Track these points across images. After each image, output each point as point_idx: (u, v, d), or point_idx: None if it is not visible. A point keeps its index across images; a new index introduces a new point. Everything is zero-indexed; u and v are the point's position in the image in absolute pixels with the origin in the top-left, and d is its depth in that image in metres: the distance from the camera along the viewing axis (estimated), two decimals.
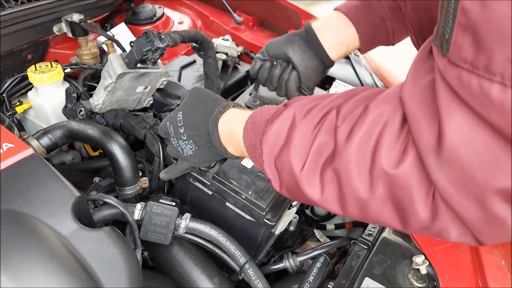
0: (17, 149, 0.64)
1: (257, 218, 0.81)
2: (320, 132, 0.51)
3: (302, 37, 0.90)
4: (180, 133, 0.71)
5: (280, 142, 0.55)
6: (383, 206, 0.47)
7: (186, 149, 0.72)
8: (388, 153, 0.44)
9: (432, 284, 0.78)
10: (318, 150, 0.50)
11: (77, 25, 1.18)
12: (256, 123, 0.61)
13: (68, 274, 0.52)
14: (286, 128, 0.55)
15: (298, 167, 0.52)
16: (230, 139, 0.67)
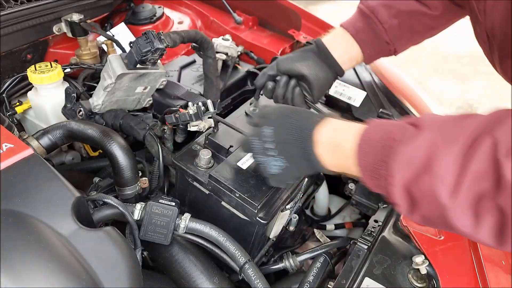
0: (17, 149, 0.64)
1: (250, 216, 0.82)
2: (473, 160, 0.47)
3: (314, 52, 0.93)
4: (267, 149, 0.69)
5: (418, 168, 0.51)
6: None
7: (272, 166, 0.70)
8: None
9: (432, 284, 0.78)
10: (474, 180, 0.47)
11: (76, 25, 1.18)
12: (374, 141, 0.57)
13: (68, 274, 0.52)
14: (426, 153, 0.51)
15: (446, 196, 0.48)
16: (333, 152, 0.64)
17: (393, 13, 0.91)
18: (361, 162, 0.59)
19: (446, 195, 0.48)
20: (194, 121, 0.94)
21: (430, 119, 0.55)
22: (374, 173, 0.57)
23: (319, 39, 0.94)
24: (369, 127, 0.60)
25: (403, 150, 0.53)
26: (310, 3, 5.83)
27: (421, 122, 0.55)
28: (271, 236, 0.92)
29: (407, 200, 0.54)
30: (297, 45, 1.45)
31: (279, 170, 0.70)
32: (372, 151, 0.57)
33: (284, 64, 0.93)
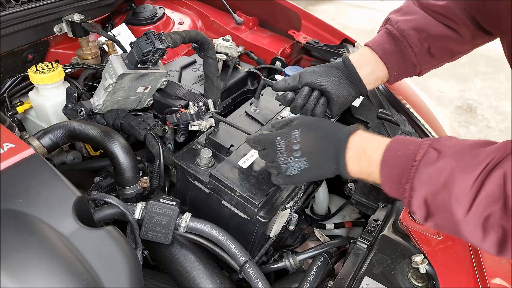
0: (18, 149, 0.64)
1: (251, 215, 0.83)
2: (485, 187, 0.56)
3: (340, 70, 0.95)
4: (293, 150, 0.73)
5: (437, 188, 0.60)
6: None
7: (293, 167, 0.74)
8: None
9: (432, 283, 0.78)
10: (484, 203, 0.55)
11: (78, 25, 1.18)
12: (397, 158, 0.66)
13: (69, 274, 0.52)
14: (445, 175, 0.60)
15: (460, 213, 0.57)
16: (360, 158, 0.70)
17: (424, 37, 0.92)
18: (384, 173, 0.67)
19: (460, 213, 0.57)
20: (195, 120, 0.94)
21: (450, 145, 0.63)
22: (396, 184, 0.65)
23: (346, 57, 0.95)
24: (394, 142, 0.68)
25: (425, 171, 0.62)
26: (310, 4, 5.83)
27: (442, 147, 0.63)
28: (271, 235, 0.92)
29: (424, 210, 0.63)
30: (297, 45, 1.45)
31: (297, 171, 0.74)
32: (395, 166, 0.65)
33: (308, 77, 0.93)
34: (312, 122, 0.77)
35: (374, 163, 0.68)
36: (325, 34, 1.40)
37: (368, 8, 6.00)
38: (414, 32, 0.93)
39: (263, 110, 1.09)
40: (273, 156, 0.76)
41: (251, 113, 1.07)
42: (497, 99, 3.92)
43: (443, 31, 0.93)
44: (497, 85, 4.17)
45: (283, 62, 1.36)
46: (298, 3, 1.47)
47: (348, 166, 0.71)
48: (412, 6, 0.96)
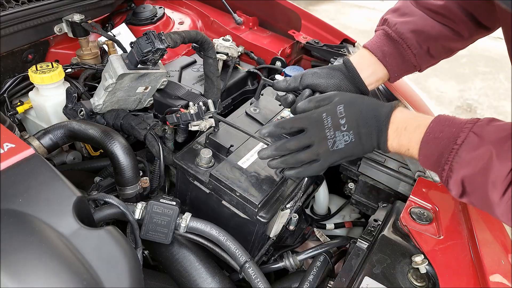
0: (18, 149, 0.64)
1: (250, 215, 0.83)
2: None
3: (342, 71, 0.95)
4: (340, 124, 0.75)
5: (475, 171, 0.64)
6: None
7: (340, 141, 0.75)
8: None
9: (432, 283, 0.78)
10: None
11: (78, 25, 1.18)
12: (438, 139, 0.69)
13: (69, 274, 0.52)
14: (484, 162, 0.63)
15: (495, 197, 0.62)
16: (400, 134, 0.73)
17: (423, 39, 0.93)
18: (423, 152, 0.70)
19: (495, 197, 0.62)
20: (195, 120, 0.94)
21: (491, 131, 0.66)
22: (435, 163, 0.69)
23: (347, 59, 0.96)
24: (435, 123, 0.70)
25: (465, 155, 0.65)
26: (310, 4, 5.84)
27: (483, 133, 0.66)
28: (271, 235, 0.92)
29: (460, 189, 0.67)
30: (297, 45, 1.45)
31: (344, 145, 0.76)
32: (436, 147, 0.69)
33: (310, 78, 0.93)
34: (354, 98, 0.79)
35: (414, 141, 0.71)
36: (325, 34, 1.40)
37: (368, 8, 6.01)
38: (413, 34, 0.93)
39: (263, 110, 1.09)
40: (319, 134, 0.76)
41: (251, 113, 1.07)
42: (497, 99, 3.92)
43: (442, 31, 0.93)
44: (497, 85, 4.17)
45: (283, 62, 1.36)
46: (298, 3, 1.47)
47: (388, 140, 0.74)
48: (409, 6, 0.96)
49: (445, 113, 0.74)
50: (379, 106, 0.76)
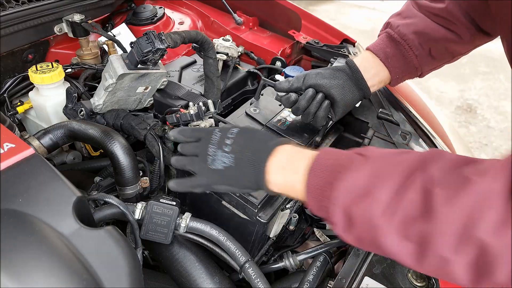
0: (18, 149, 0.64)
1: (250, 216, 0.83)
2: (409, 190, 0.53)
3: (345, 73, 0.95)
4: (224, 143, 0.71)
5: (360, 193, 0.56)
6: (465, 267, 0.48)
7: (219, 161, 0.71)
8: (490, 224, 0.46)
9: (432, 283, 0.78)
10: (406, 207, 0.52)
11: (78, 25, 1.18)
12: (325, 166, 0.62)
13: (69, 274, 0.52)
14: (368, 180, 0.56)
15: (379, 217, 0.54)
16: (284, 169, 0.66)
17: (424, 40, 0.93)
18: (309, 182, 0.62)
19: (379, 217, 0.54)
20: (195, 121, 0.95)
21: (375, 152, 0.61)
22: (319, 194, 0.61)
23: (351, 60, 0.96)
24: (322, 152, 0.65)
25: (349, 176, 0.58)
26: (310, 4, 5.84)
27: (368, 153, 0.61)
28: (271, 235, 0.92)
29: (345, 220, 0.58)
30: (297, 45, 1.45)
31: (221, 166, 0.70)
32: (322, 174, 0.61)
33: (313, 78, 0.93)
34: (251, 130, 0.75)
35: (300, 172, 0.64)
36: (325, 34, 1.40)
37: (368, 8, 6.01)
38: (414, 35, 0.93)
39: (263, 110, 1.09)
40: (204, 147, 0.72)
41: (251, 114, 1.07)
42: (497, 99, 3.92)
43: (444, 33, 0.93)
44: (497, 85, 4.17)
45: (283, 62, 1.36)
46: (298, 3, 1.47)
47: (270, 176, 0.67)
48: (412, 9, 0.97)
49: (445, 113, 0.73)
50: (268, 140, 0.71)
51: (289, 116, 1.09)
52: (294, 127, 1.06)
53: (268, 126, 1.05)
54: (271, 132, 1.03)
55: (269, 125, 1.05)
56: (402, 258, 0.54)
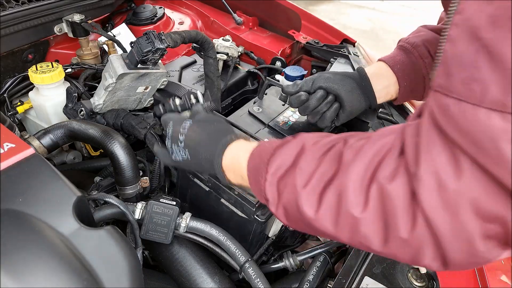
0: (18, 149, 0.64)
1: (248, 214, 0.83)
2: (326, 157, 0.58)
3: (355, 80, 0.96)
4: (177, 139, 0.75)
5: (287, 164, 0.60)
6: (372, 222, 0.52)
7: (177, 154, 0.76)
8: (386, 170, 0.51)
9: (432, 283, 0.78)
10: (323, 171, 0.57)
11: (78, 25, 1.18)
12: (263, 149, 0.66)
13: (69, 273, 0.52)
14: (295, 152, 0.61)
15: (301, 185, 0.57)
16: (233, 164, 0.70)
17: (434, 50, 0.94)
18: (249, 166, 0.67)
19: (300, 185, 0.57)
20: (180, 111, 0.94)
21: (306, 134, 0.65)
22: (257, 174, 0.64)
23: (362, 69, 0.97)
24: (262, 141, 0.70)
25: (280, 151, 0.63)
26: (310, 4, 5.84)
27: (299, 134, 0.65)
28: (270, 234, 0.92)
29: (275, 194, 0.62)
30: (297, 45, 1.45)
31: (181, 159, 0.76)
32: (260, 157, 0.65)
33: (323, 81, 0.94)
34: (205, 120, 0.78)
35: (243, 161, 0.68)
36: (325, 34, 1.40)
37: (368, 8, 6.01)
38: (424, 45, 0.95)
39: (266, 109, 1.10)
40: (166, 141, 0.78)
41: (254, 112, 1.07)
42: None
43: None
44: None
45: (283, 62, 1.36)
46: (298, 3, 1.47)
47: (226, 172, 0.71)
48: (422, 29, 1.00)
49: None
50: (220, 136, 0.73)
51: (292, 116, 1.09)
52: (297, 127, 1.07)
53: (270, 125, 1.05)
54: (273, 132, 1.04)
55: (272, 125, 1.05)
56: (321, 227, 0.57)
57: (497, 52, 0.40)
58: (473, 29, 0.42)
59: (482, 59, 0.41)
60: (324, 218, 0.56)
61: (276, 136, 1.03)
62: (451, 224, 0.46)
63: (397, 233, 0.49)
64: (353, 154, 0.55)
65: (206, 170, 0.74)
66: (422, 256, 0.50)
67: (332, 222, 0.55)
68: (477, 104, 0.41)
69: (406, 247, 0.50)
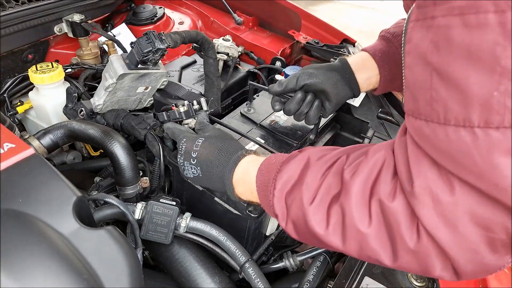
0: (18, 149, 0.64)
1: (241, 210, 0.84)
2: (330, 173, 0.59)
3: (338, 70, 0.97)
4: (190, 156, 0.77)
5: (294, 180, 0.62)
6: (378, 237, 0.53)
7: (188, 171, 0.78)
8: (385, 188, 0.53)
9: (432, 283, 0.78)
10: (327, 188, 0.58)
11: (78, 25, 1.18)
12: (271, 164, 0.67)
13: (69, 274, 0.52)
14: (300, 168, 0.62)
15: (308, 201, 0.59)
16: (243, 180, 0.72)
17: None
18: (257, 182, 0.68)
19: (307, 201, 0.59)
20: (184, 119, 0.95)
21: (312, 147, 0.67)
22: (266, 190, 0.66)
23: (344, 60, 0.98)
24: (270, 156, 0.71)
25: (286, 167, 0.64)
26: (310, 4, 5.84)
27: (304, 148, 0.67)
28: (268, 233, 0.92)
29: (284, 209, 0.63)
30: (297, 45, 1.45)
31: (192, 175, 0.79)
32: (267, 172, 0.67)
33: (306, 78, 0.95)
34: (216, 136, 0.80)
35: (252, 177, 0.69)
36: (325, 34, 1.40)
37: (368, 8, 6.00)
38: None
39: (257, 110, 1.12)
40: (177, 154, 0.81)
41: (245, 113, 1.09)
42: None
43: None
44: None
45: (283, 62, 1.36)
46: (298, 3, 1.47)
47: (236, 188, 0.73)
48: (402, 21, 1.00)
49: None
50: (232, 153, 0.75)
51: (283, 115, 1.10)
52: (288, 125, 1.08)
53: (262, 125, 1.06)
54: (265, 131, 1.05)
55: (263, 124, 1.06)
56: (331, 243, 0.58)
57: (445, 73, 0.42)
58: (422, 55, 0.44)
59: (436, 81, 0.43)
60: (332, 233, 0.57)
61: (268, 135, 1.04)
62: (452, 236, 0.46)
63: (404, 245, 0.50)
64: (352, 172, 0.57)
65: (217, 187, 0.76)
66: (432, 267, 0.50)
67: (340, 237, 0.56)
68: (444, 123, 0.43)
69: (415, 258, 0.51)
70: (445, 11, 0.41)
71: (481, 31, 0.38)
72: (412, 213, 0.49)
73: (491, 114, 0.39)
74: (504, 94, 0.38)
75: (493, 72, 0.38)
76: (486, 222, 0.44)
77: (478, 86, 0.39)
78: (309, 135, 1.06)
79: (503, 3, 0.36)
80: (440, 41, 0.42)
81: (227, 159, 0.74)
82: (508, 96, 0.37)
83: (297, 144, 1.02)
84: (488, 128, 0.39)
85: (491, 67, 0.38)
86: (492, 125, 0.39)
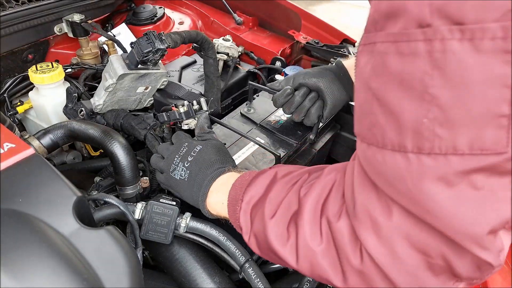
0: (18, 149, 0.64)
1: None
2: (292, 190, 0.61)
3: (333, 72, 0.97)
4: (186, 159, 0.78)
5: (260, 194, 0.64)
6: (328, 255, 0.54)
7: (178, 172, 0.79)
8: (333, 207, 0.54)
9: None
10: (288, 204, 0.60)
11: (78, 25, 1.18)
12: (243, 180, 0.69)
13: (69, 274, 0.52)
14: (267, 183, 0.64)
15: (269, 215, 0.61)
16: (218, 191, 0.73)
17: None
18: (230, 195, 0.69)
19: (268, 215, 0.61)
20: (184, 119, 0.95)
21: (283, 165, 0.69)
22: (235, 204, 0.67)
23: (339, 60, 0.98)
24: (246, 172, 0.72)
25: (255, 181, 0.66)
26: (310, 4, 5.84)
27: (276, 165, 0.69)
28: None
29: (248, 222, 0.65)
30: (297, 45, 1.45)
31: (178, 177, 0.79)
32: (239, 186, 0.68)
33: (301, 78, 0.95)
34: (217, 147, 0.81)
35: (227, 190, 0.70)
36: (325, 34, 1.40)
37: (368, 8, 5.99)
38: None
39: (258, 110, 1.12)
40: (173, 154, 0.80)
41: (245, 113, 1.08)
42: None
43: None
44: None
45: (283, 62, 1.36)
46: (298, 3, 1.47)
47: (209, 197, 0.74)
48: None
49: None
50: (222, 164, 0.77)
51: (283, 115, 1.10)
52: (288, 125, 1.08)
53: (262, 125, 1.06)
54: (265, 130, 1.05)
55: (263, 124, 1.06)
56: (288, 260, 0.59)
57: (383, 98, 0.43)
58: (365, 80, 0.45)
59: (375, 106, 0.44)
60: (289, 251, 0.58)
61: (268, 135, 1.04)
62: (391, 259, 0.46)
63: (351, 265, 0.51)
64: (306, 190, 0.59)
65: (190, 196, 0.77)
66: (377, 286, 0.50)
67: (295, 254, 0.57)
68: (382, 147, 0.44)
69: (362, 280, 0.51)
70: (383, 37, 0.42)
71: (412, 59, 0.39)
72: (356, 234, 0.50)
73: (422, 140, 0.40)
74: (433, 121, 0.38)
75: (422, 100, 0.39)
76: (423, 246, 0.44)
77: (409, 113, 0.40)
78: (309, 135, 1.06)
79: (430, 32, 0.37)
80: (378, 67, 0.43)
81: (213, 170, 0.76)
82: (437, 123, 0.38)
83: (297, 144, 1.02)
84: (420, 154, 0.40)
85: (420, 95, 0.39)
86: (424, 151, 0.40)
